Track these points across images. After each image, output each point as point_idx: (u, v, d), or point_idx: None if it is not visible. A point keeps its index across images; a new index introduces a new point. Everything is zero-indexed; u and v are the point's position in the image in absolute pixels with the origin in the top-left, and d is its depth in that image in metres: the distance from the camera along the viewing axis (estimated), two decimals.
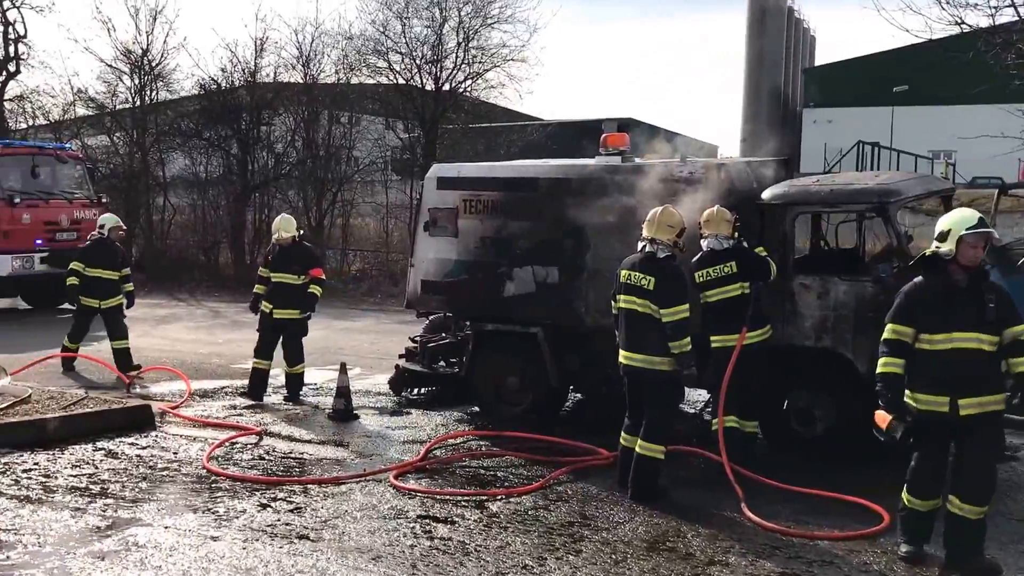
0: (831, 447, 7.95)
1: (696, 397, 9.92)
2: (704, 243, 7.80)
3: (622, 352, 7.23)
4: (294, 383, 10.61)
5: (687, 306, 7.01)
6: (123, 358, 11.74)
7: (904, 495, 5.91)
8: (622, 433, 7.38)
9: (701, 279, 7.79)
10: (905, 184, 8.25)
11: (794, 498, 7.06)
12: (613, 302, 7.37)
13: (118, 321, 11.96)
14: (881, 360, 5.78)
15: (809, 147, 35.64)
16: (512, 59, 25.14)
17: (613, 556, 5.95)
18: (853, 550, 6.11)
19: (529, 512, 6.78)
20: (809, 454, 8.02)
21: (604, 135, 9.27)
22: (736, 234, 7.75)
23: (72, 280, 11.86)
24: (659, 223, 7.15)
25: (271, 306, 10.50)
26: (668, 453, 7.18)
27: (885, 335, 5.79)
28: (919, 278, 5.81)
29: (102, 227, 12.31)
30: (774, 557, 5.98)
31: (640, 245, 7.22)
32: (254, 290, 10.91)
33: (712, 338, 7.74)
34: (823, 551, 6.10)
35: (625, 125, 9.94)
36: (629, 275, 7.15)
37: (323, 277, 10.87)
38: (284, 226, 10.63)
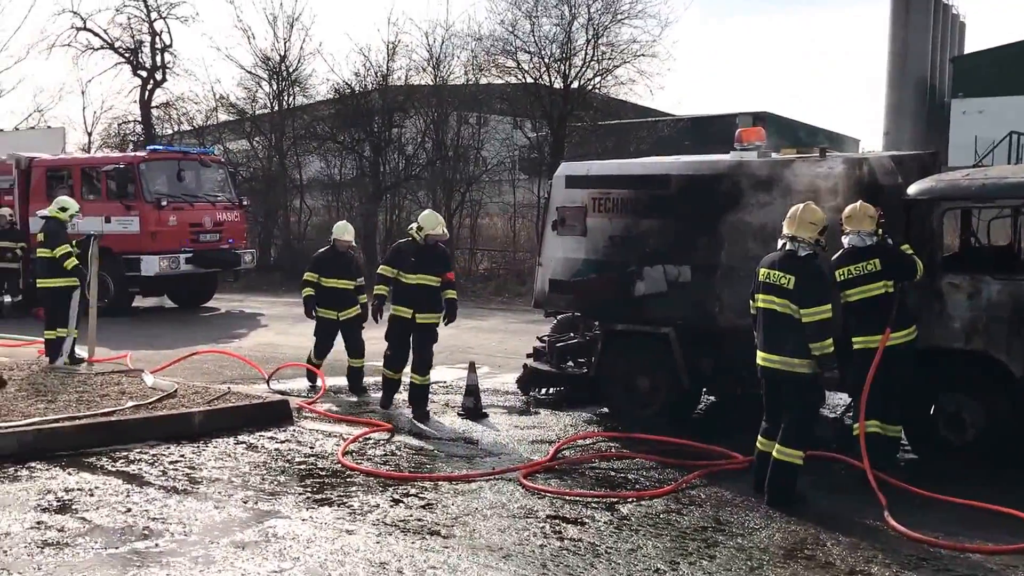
0: (982, 454, 7.53)
1: (837, 401, 9.57)
2: (845, 240, 7.49)
3: (760, 353, 7.02)
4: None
5: (829, 306, 6.75)
6: (356, 378, 10.98)
7: None
8: (759, 437, 7.16)
9: (842, 277, 7.47)
10: None
11: (940, 507, 6.71)
12: (751, 301, 7.17)
13: (357, 337, 11.05)
14: None
15: (958, 140, 33.75)
16: (642, 54, 24.86)
17: (748, 563, 5.77)
18: (1009, 565, 5.75)
19: (661, 516, 6.66)
20: (958, 461, 7.63)
21: (739, 130, 9.04)
22: (880, 231, 7.42)
23: (308, 291, 11.03)
24: (800, 220, 6.93)
25: (411, 310, 9.81)
26: (807, 458, 6.93)
27: None
28: None
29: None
30: (920, 569, 5.69)
31: (780, 243, 7.00)
32: (377, 291, 9.90)
33: (854, 339, 7.43)
34: (974, 564, 5.77)
35: (760, 119, 9.71)
36: (768, 274, 6.95)
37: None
38: (432, 223, 9.82)
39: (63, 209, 12.12)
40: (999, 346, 7.36)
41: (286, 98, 27.82)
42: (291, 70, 27.63)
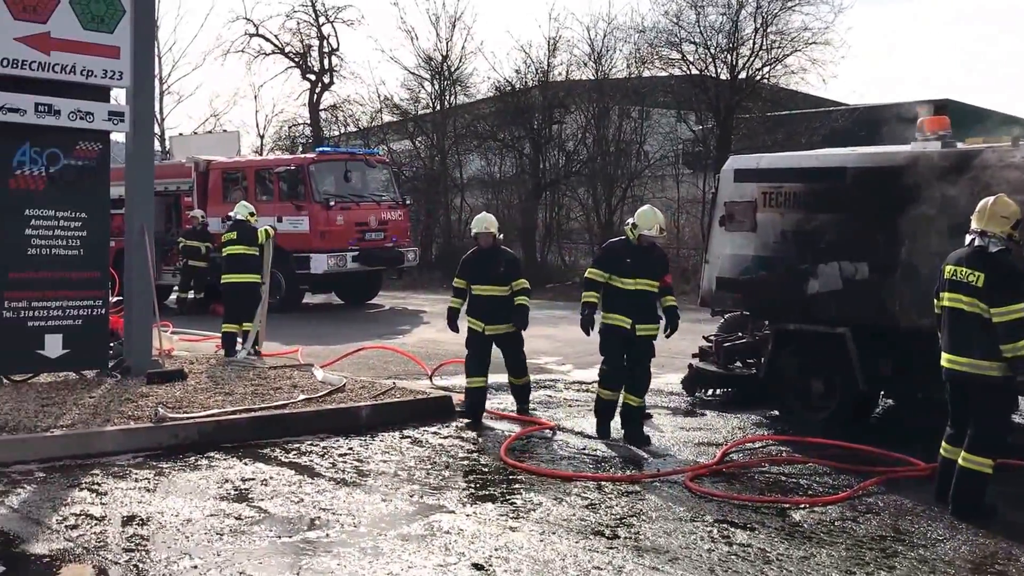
0: None
1: None
2: None
3: (945, 355, 6.60)
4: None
5: (1022, 305, 6.27)
6: (522, 396, 9.76)
7: None
8: (943, 443, 6.74)
9: None
10: None
11: None
12: (936, 300, 6.74)
13: (517, 353, 9.58)
14: None
15: None
16: (815, 42, 24.04)
17: (932, 575, 5.43)
18: None
19: (835, 523, 6.36)
20: None
21: (921, 119, 8.54)
22: None
23: (452, 302, 9.80)
24: (991, 213, 6.46)
25: (630, 320, 8.61)
26: (997, 467, 6.47)
27: None
28: None
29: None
30: None
31: (968, 238, 6.55)
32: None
33: None
34: None
35: (943, 107, 9.16)
36: (955, 271, 6.52)
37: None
38: (647, 221, 8.72)
39: (252, 214, 12.98)
40: None
41: (448, 97, 28.38)
42: (453, 69, 28.17)
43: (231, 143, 24.75)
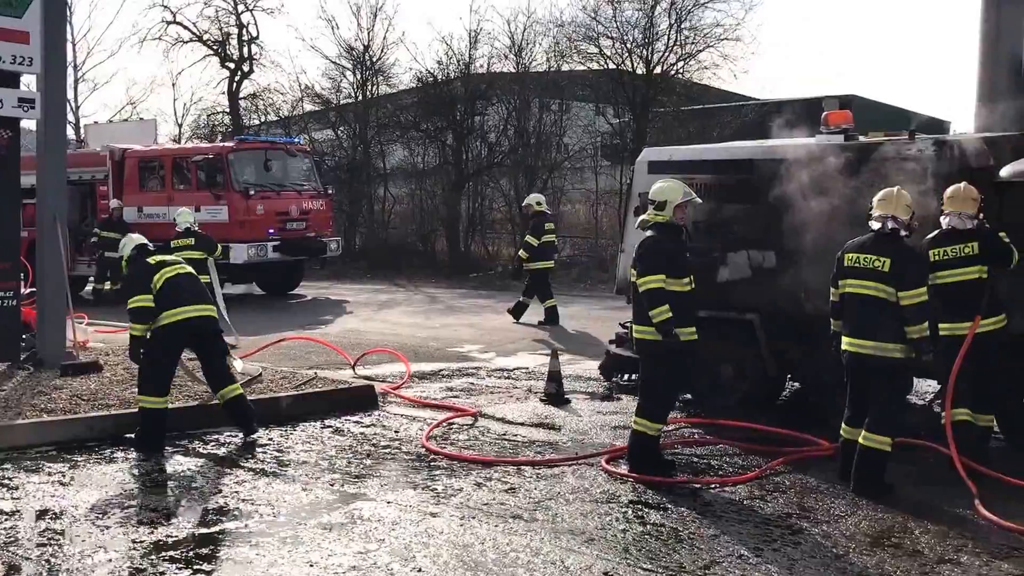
0: None
1: (926, 388, 9.35)
2: (944, 220, 7.26)
3: (848, 339, 6.90)
4: None
5: (926, 288, 6.62)
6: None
7: None
8: (843, 424, 7.06)
9: (936, 258, 7.22)
10: None
11: None
12: (833, 288, 7.04)
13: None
14: None
15: None
16: (726, 38, 24.54)
17: (834, 550, 5.71)
18: None
19: (744, 502, 6.62)
20: None
21: (825, 113, 8.87)
22: (980, 215, 7.21)
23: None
24: (897, 202, 6.79)
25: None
26: (895, 446, 6.80)
27: None
28: None
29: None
30: (1012, 558, 5.55)
31: (874, 226, 6.85)
32: None
33: (941, 325, 7.20)
34: None
35: (847, 102, 9.47)
36: (858, 258, 6.82)
37: None
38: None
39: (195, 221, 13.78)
40: None
41: (370, 87, 28.19)
42: (375, 59, 27.99)
43: (148, 131, 24.25)
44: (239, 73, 30.64)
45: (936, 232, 7.30)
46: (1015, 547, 5.73)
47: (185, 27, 30.71)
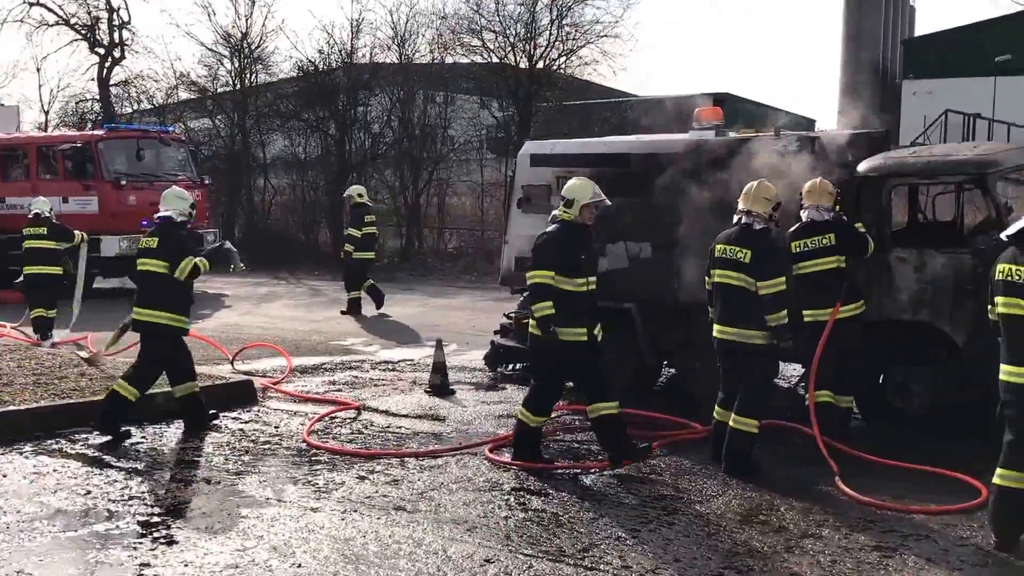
0: (929, 421, 7.76)
1: (792, 371, 9.76)
2: (804, 213, 7.66)
3: (716, 326, 7.18)
4: None
5: (784, 278, 6.94)
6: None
7: None
8: (716, 407, 7.34)
9: (797, 249, 7.66)
10: (1005, 155, 7.97)
11: (890, 472, 6.96)
12: (707, 277, 7.31)
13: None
14: None
15: (909, 120, 34.54)
16: (605, 35, 25.05)
17: (706, 529, 5.94)
18: (949, 524, 6.00)
19: (623, 485, 6.81)
20: (907, 429, 7.86)
21: (697, 109, 9.17)
22: (837, 207, 7.60)
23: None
24: (755, 196, 7.08)
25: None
26: (762, 427, 7.11)
27: None
28: None
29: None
30: (868, 531, 5.89)
31: (736, 218, 7.14)
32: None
33: (804, 311, 7.61)
34: (918, 525, 6.00)
35: (720, 100, 9.84)
36: (725, 249, 7.09)
37: None
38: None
39: (51, 209, 13.25)
40: (943, 317, 7.57)
41: (248, 76, 27.62)
42: (253, 47, 27.44)
43: (10, 118, 23.25)
44: (110, 59, 29.55)
45: (796, 225, 7.67)
46: (872, 520, 6.08)
47: (50, 9, 29.48)
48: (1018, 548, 5.55)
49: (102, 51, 29.58)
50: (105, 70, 29.57)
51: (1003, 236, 5.47)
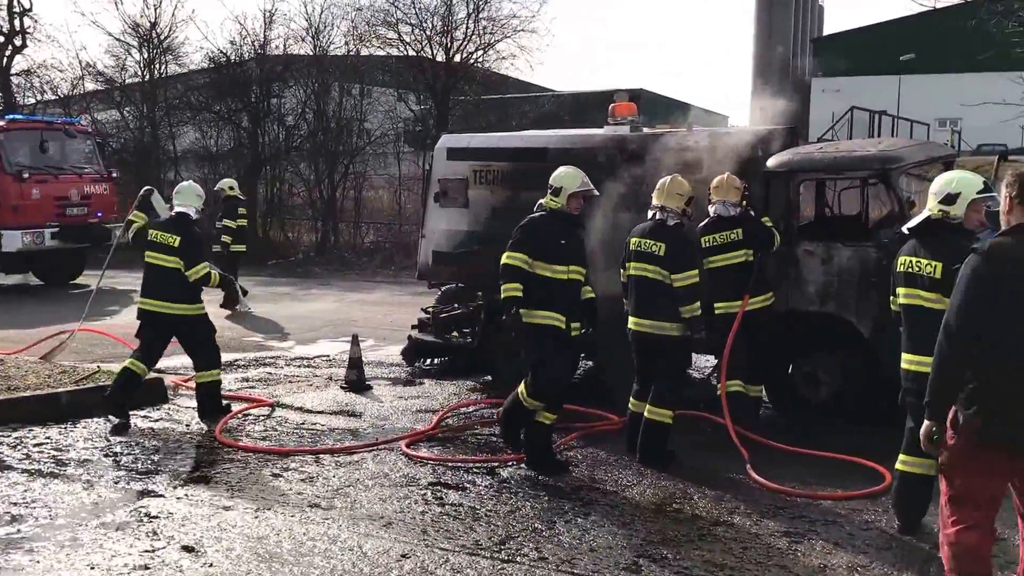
0: (835, 410, 7.98)
1: (705, 362, 9.94)
2: (712, 209, 7.82)
3: (632, 318, 7.26)
4: None
5: (697, 271, 7.06)
6: None
7: None
8: (631, 399, 7.42)
9: (707, 244, 7.82)
10: (907, 151, 8.23)
11: (799, 460, 7.15)
12: (622, 270, 7.39)
13: None
14: None
15: (818, 116, 35.63)
16: (522, 30, 25.15)
17: (621, 518, 6.01)
18: (855, 509, 6.19)
19: (539, 477, 6.85)
20: (814, 417, 8.07)
21: (612, 104, 9.25)
22: (744, 202, 7.76)
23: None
24: (668, 191, 7.18)
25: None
26: (676, 418, 7.22)
27: None
28: None
29: None
30: (778, 517, 6.04)
31: (650, 213, 7.24)
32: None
33: (715, 304, 7.76)
34: (826, 511, 6.18)
35: (636, 96, 9.97)
36: (639, 242, 7.18)
37: None
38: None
39: None
40: (849, 309, 7.79)
41: (158, 67, 26.96)
42: (162, 38, 26.77)
43: None
44: (10, 47, 28.48)
45: (706, 220, 7.82)
46: (781, 506, 6.24)
47: None
48: (920, 531, 5.76)
49: (1, 39, 28.50)
50: (5, 59, 28.50)
51: (904, 229, 5.64)
